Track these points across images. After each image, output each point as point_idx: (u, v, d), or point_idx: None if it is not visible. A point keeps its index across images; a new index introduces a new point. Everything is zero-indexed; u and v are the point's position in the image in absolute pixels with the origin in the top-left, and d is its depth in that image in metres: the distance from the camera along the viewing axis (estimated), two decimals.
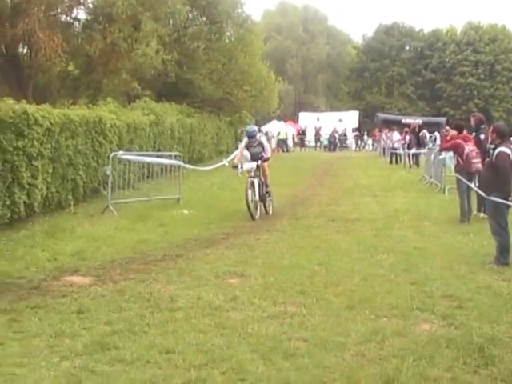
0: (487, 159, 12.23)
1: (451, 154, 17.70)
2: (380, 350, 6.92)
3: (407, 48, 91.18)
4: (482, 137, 16.07)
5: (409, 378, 6.18)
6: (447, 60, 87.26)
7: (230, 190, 22.37)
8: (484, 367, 6.52)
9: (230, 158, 29.31)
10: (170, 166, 21.66)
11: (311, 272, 10.41)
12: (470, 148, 15.67)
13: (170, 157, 21.77)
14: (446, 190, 21.46)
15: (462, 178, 15.46)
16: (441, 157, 22.47)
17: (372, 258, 11.54)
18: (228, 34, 41.77)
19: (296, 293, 9.18)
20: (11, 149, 14.02)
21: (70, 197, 16.97)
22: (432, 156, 24.92)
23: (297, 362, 6.59)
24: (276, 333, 7.44)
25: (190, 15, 39.35)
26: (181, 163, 21.24)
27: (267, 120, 65.16)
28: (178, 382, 6.07)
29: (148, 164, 20.66)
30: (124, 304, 8.60)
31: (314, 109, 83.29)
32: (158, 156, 21.66)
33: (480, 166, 14.90)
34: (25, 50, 33.42)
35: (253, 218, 16.20)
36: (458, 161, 15.95)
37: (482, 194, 12.25)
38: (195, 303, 8.65)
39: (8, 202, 13.87)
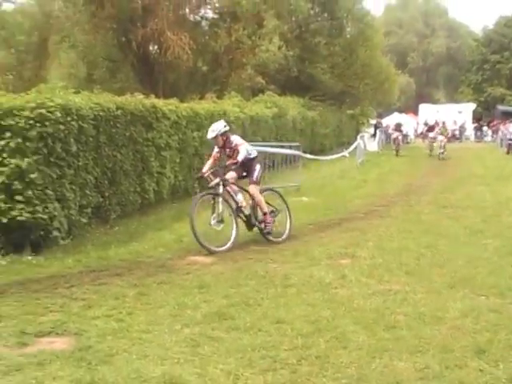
0: None
1: None
2: (475, 325, 7.20)
3: None
4: None
5: (499, 349, 6.45)
6: None
7: (348, 179, 22.78)
8: None
9: (350, 150, 29.74)
10: (291, 156, 22.18)
11: (418, 254, 10.79)
12: None
13: (290, 147, 22.30)
14: None
15: None
16: None
17: (478, 242, 11.79)
18: (348, 29, 41.90)
19: (402, 273, 9.57)
20: (141, 140, 15.05)
21: (195, 185, 17.85)
22: None
23: (396, 333, 6.96)
24: (379, 307, 7.86)
25: (312, 12, 39.70)
26: (301, 153, 21.78)
27: (388, 112, 64.86)
28: (286, 347, 6.54)
29: (270, 154, 21.23)
30: (241, 281, 9.24)
31: (435, 101, 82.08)
32: (278, 147, 22.20)
33: None
34: (155, 48, 34.58)
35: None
36: None
37: None
38: (307, 281, 9.18)
39: (139, 189, 14.89)
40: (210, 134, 12.65)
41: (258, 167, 12.97)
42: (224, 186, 12.27)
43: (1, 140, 11.08)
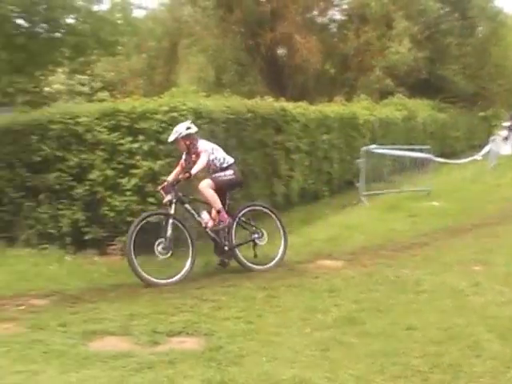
0: None
1: None
2: None
3: None
4: None
5: None
6: None
7: (481, 183, 22.15)
8: None
9: (482, 153, 28.98)
10: (421, 159, 21.85)
11: None
12: None
13: (419, 150, 21.97)
14: None
15: None
16: None
17: None
18: (480, 28, 40.92)
19: None
20: (271, 143, 15.12)
21: (324, 188, 17.85)
22: None
23: None
24: None
25: (442, 12, 38.99)
26: (431, 156, 21.41)
27: None
28: (417, 354, 6.41)
29: (399, 157, 21.01)
30: (371, 286, 9.16)
31: None
32: (408, 150, 21.91)
33: None
34: (283, 52, 34.79)
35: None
36: None
37: None
38: (438, 287, 8.99)
39: (268, 192, 14.94)
40: (171, 137, 10.53)
41: (228, 173, 10.66)
42: (182, 203, 10.41)
43: (134, 143, 11.38)
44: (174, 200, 10.16)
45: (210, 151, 10.49)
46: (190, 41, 36.33)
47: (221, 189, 10.53)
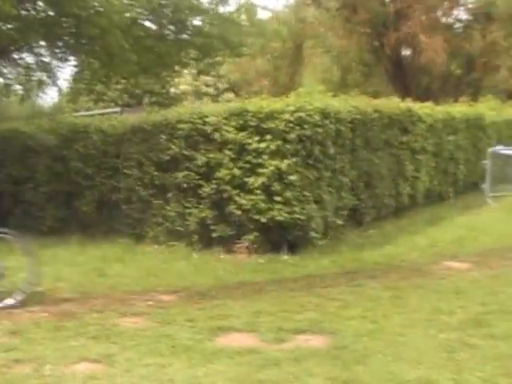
0: None
1: None
2: None
3: None
4: None
5: None
6: None
7: None
8: None
9: None
10: None
11: None
12: None
13: None
14: None
15: None
16: None
17: None
18: None
19: None
20: (396, 143, 15.03)
21: (450, 189, 17.62)
22: None
23: None
24: None
25: None
26: None
27: None
28: None
29: None
30: (498, 288, 9.01)
31: None
32: None
33: None
34: (408, 52, 34.47)
35: None
36: None
37: None
38: None
39: (394, 193, 14.86)
40: None
41: None
42: None
43: (262, 142, 11.52)
44: None
45: None
46: (315, 42, 36.43)
47: None
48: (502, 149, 18.87)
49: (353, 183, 13.28)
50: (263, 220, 11.37)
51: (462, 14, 36.82)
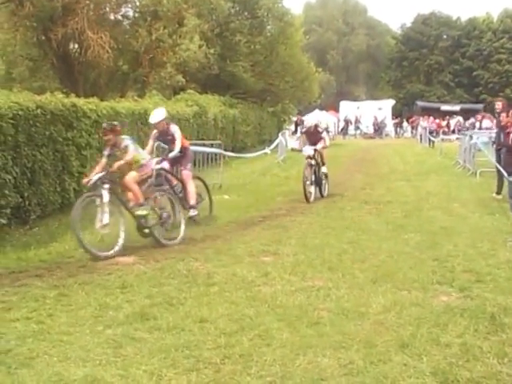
0: None
1: (484, 138, 18.06)
2: (398, 319, 7.33)
3: (445, 37, 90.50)
4: None
5: (422, 343, 6.58)
6: (484, 48, 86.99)
7: (270, 176, 22.94)
8: (494, 334, 6.87)
9: (271, 147, 29.85)
10: (213, 154, 22.18)
11: (340, 250, 10.92)
12: None
13: (210, 145, 22.31)
14: (478, 173, 22.02)
15: None
16: (472, 141, 22.98)
17: (399, 237, 12.01)
18: (269, 27, 42.16)
19: (324, 269, 9.68)
20: (61, 139, 14.81)
21: None
22: (465, 141, 25.20)
23: (319, 329, 7.04)
24: (302, 304, 7.95)
25: (232, 11, 39.91)
26: (222, 151, 21.81)
27: (309, 110, 65.61)
28: (209, 346, 6.56)
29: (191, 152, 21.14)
30: (164, 280, 9.23)
31: (355, 98, 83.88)
32: (200, 145, 22.11)
33: None
34: (75, 47, 34.21)
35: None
36: None
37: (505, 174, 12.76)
38: (230, 279, 9.21)
39: (59, 189, 14.65)
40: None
41: None
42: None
43: None
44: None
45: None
46: None
47: None
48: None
49: (16, 180, 12.88)
50: None
51: (129, 11, 37.33)
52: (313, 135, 17.99)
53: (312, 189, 17.14)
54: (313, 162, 17.08)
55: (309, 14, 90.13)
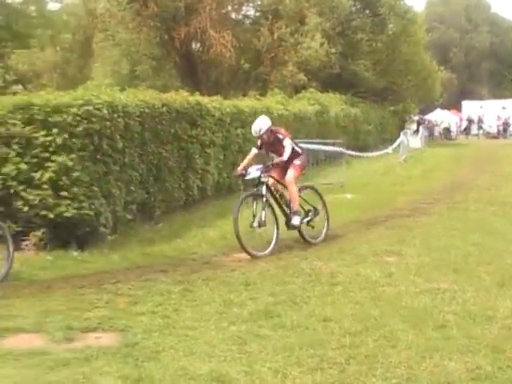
0: None
1: None
2: None
3: None
4: None
5: None
6: None
7: (392, 176, 22.69)
8: None
9: (393, 146, 29.54)
10: (334, 153, 22.11)
11: (465, 252, 10.65)
12: None
13: (332, 144, 22.23)
14: None
15: None
16: None
17: None
18: (390, 25, 41.69)
19: (449, 271, 9.45)
20: (186, 137, 15.08)
21: (239, 182, 17.89)
22: None
23: (445, 332, 6.86)
24: (427, 306, 7.77)
25: (353, 9, 39.72)
26: (344, 150, 21.71)
27: (431, 109, 64.52)
28: (334, 346, 6.47)
29: (313, 151, 21.15)
30: (287, 278, 9.21)
31: (478, 97, 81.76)
32: (321, 144, 22.07)
33: None
34: (197, 46, 34.77)
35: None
36: None
37: None
38: (353, 278, 9.10)
39: (183, 186, 14.91)
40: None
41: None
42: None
43: (48, 136, 11.17)
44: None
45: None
46: (105, 35, 35.94)
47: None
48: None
49: (142, 177, 13.18)
50: (51, 216, 11.02)
51: (251, 10, 37.76)
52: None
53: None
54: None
55: (430, 10, 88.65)
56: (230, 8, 36.68)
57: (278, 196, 11.86)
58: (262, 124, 12.05)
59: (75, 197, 11.00)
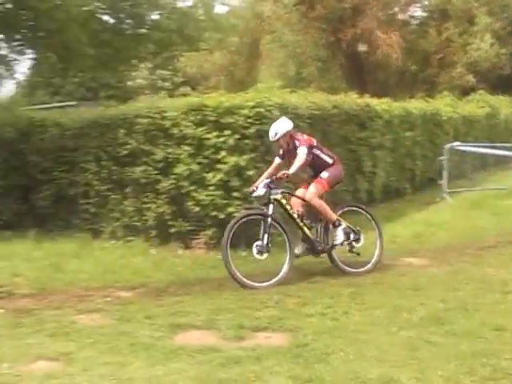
0: None
1: None
2: None
3: None
4: None
5: None
6: None
7: None
8: None
9: None
10: (504, 157, 21.48)
11: None
12: None
13: (504, 148, 21.60)
14: None
15: None
16: None
17: None
18: None
19: None
20: (354, 139, 15.09)
21: (407, 185, 17.74)
22: None
23: None
24: None
25: None
26: None
27: None
28: (507, 356, 6.26)
29: (482, 155, 20.69)
30: (457, 285, 9.05)
31: None
32: (492, 147, 21.50)
33: None
34: (364, 48, 34.66)
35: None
36: None
37: None
38: None
39: (351, 189, 14.81)
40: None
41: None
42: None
43: (220, 137, 11.47)
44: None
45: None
46: (272, 37, 36.41)
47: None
48: (458, 145, 18.99)
49: None
50: (221, 216, 11.31)
51: (418, 11, 37.29)
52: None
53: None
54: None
55: None
56: (396, 9, 36.34)
57: (296, 217, 9.94)
58: (278, 127, 9.91)
59: (246, 197, 11.19)
